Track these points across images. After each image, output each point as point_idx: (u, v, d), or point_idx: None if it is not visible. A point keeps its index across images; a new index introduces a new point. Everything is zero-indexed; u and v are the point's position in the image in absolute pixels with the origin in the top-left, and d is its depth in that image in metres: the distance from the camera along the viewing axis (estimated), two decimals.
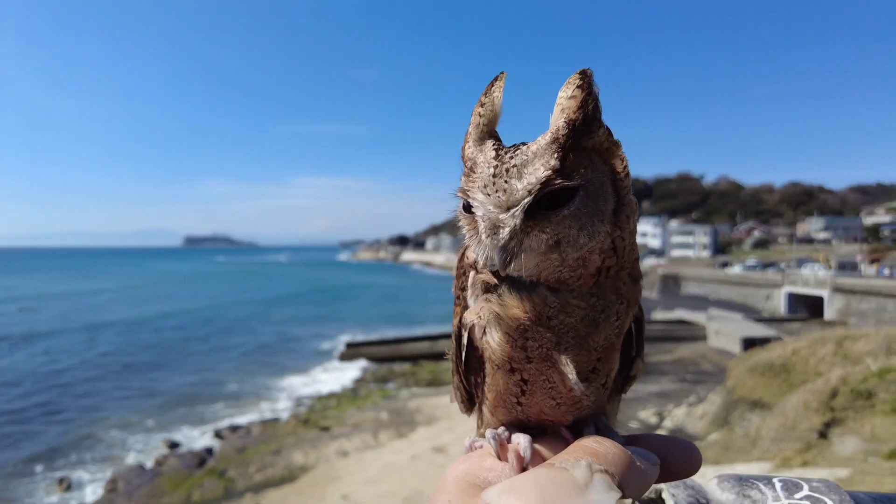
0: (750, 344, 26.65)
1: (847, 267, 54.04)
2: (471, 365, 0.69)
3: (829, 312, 39.50)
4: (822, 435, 14.17)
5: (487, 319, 0.62)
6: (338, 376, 30.22)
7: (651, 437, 0.62)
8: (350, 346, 35.35)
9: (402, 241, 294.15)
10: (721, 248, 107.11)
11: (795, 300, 43.79)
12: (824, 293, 40.45)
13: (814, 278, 43.42)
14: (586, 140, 0.57)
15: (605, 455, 0.53)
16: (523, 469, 0.57)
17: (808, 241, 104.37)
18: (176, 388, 27.76)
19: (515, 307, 0.60)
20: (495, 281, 0.62)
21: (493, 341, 0.62)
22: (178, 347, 38.68)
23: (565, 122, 0.56)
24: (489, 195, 0.57)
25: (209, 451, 19.31)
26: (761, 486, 0.66)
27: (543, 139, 0.56)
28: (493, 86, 0.63)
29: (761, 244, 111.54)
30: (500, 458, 0.59)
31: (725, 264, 74.62)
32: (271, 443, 19.40)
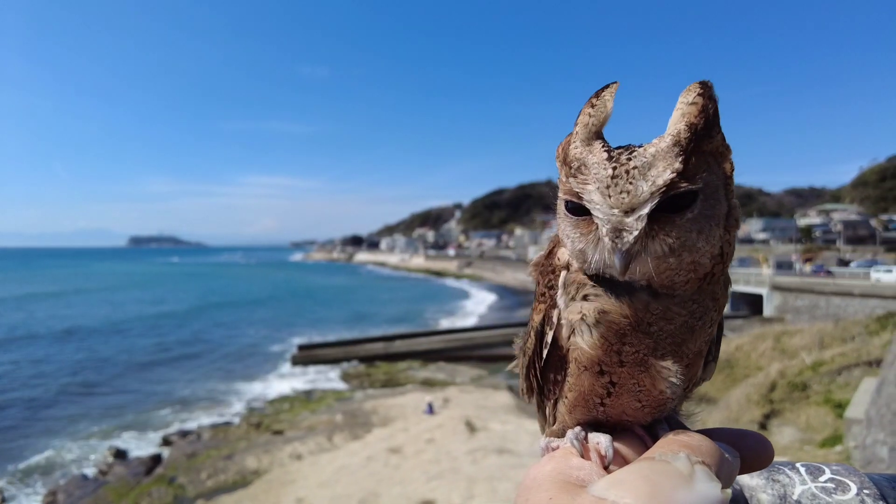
0: None
1: (784, 266, 56.73)
2: (550, 362, 0.67)
3: (768, 309, 41.36)
4: (763, 426, 14.88)
5: (585, 322, 0.61)
6: (290, 379, 29.76)
7: (725, 431, 0.63)
8: (302, 348, 34.76)
9: (355, 242, 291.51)
10: None
11: (738, 298, 45.67)
12: (764, 291, 42.36)
13: (754, 277, 45.46)
14: (706, 144, 0.56)
15: (699, 447, 0.54)
16: (605, 468, 0.58)
17: (749, 241, 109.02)
18: (122, 394, 26.74)
19: (615, 312, 0.59)
20: (591, 283, 0.61)
21: (585, 344, 0.61)
22: (125, 352, 37.15)
23: (687, 125, 0.55)
24: (609, 197, 0.55)
25: (157, 457, 18.66)
26: (787, 470, 0.70)
27: (663, 142, 0.55)
28: (604, 91, 0.61)
29: None
30: (583, 457, 0.59)
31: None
32: (223, 448, 18.92)
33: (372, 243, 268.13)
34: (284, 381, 29.23)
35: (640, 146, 0.57)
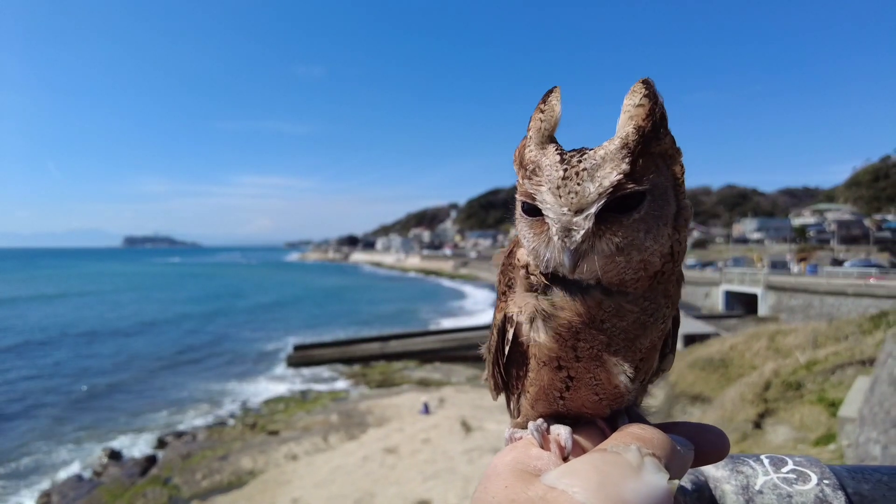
0: (690, 340, 27.72)
1: (778, 266, 56.99)
2: (513, 358, 0.70)
3: (762, 309, 41.53)
4: (757, 425, 14.93)
5: (539, 320, 0.63)
6: (286, 379, 29.76)
7: (683, 425, 0.66)
8: (298, 348, 34.72)
9: (351, 242, 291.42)
10: None
11: (732, 297, 45.83)
12: (758, 290, 42.53)
13: (749, 276, 45.66)
14: (654, 146, 0.58)
15: (650, 440, 0.57)
16: (565, 458, 0.60)
17: (744, 241, 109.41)
18: (117, 395, 26.66)
19: (569, 309, 0.61)
20: (546, 282, 0.63)
21: (542, 340, 0.63)
22: (121, 354, 37.08)
23: (635, 128, 0.57)
24: (560, 197, 0.58)
25: (152, 458, 18.62)
26: (751, 462, 0.73)
27: (612, 144, 0.57)
28: (549, 95, 0.64)
29: (700, 244, 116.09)
30: (543, 448, 0.62)
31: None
32: (218, 448, 18.88)
33: (368, 243, 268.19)
34: (280, 382, 29.23)
35: (592, 149, 0.59)
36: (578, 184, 0.57)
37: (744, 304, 44.34)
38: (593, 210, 0.56)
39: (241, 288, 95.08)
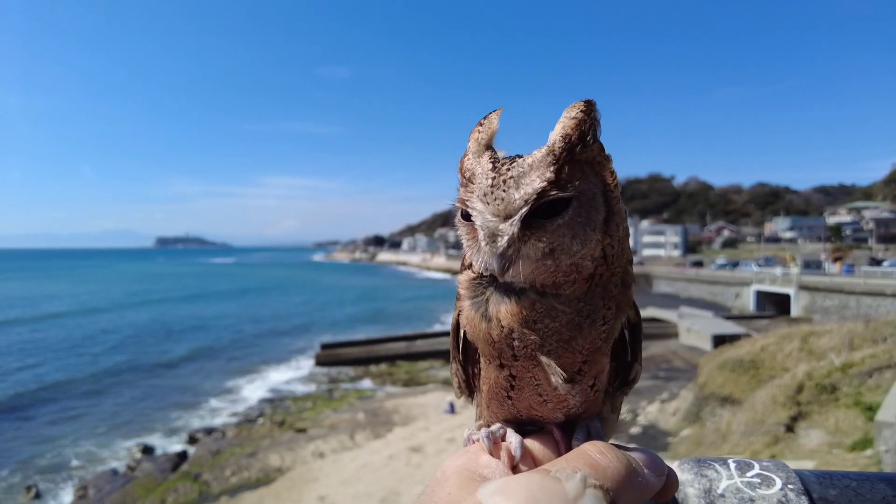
0: (720, 341, 27.20)
1: (811, 265, 55.52)
2: (469, 356, 0.73)
3: (795, 309, 40.55)
4: (789, 428, 14.56)
5: (476, 318, 0.66)
6: (313, 377, 30.07)
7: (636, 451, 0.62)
8: (325, 346, 35.01)
9: (378, 242, 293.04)
10: (691, 247, 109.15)
11: (763, 298, 44.85)
12: (791, 291, 41.53)
13: (781, 276, 44.63)
14: (580, 153, 0.60)
15: (604, 469, 0.53)
16: (514, 467, 0.60)
17: (776, 240, 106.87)
18: (150, 393, 27.25)
19: (502, 309, 0.63)
20: (486, 283, 0.66)
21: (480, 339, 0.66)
22: (153, 352, 37.93)
23: (561, 136, 0.59)
24: (488, 204, 0.60)
25: (183, 454, 18.99)
26: (717, 466, 0.73)
27: (539, 152, 0.60)
28: (491, 113, 0.68)
29: (730, 243, 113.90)
30: (492, 455, 0.62)
31: (699, 263, 75.73)
32: (246, 445, 19.17)
33: (394, 243, 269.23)
34: (307, 380, 29.55)
35: (524, 156, 0.62)
36: (505, 191, 0.59)
37: (775, 305, 43.36)
38: (517, 216, 0.59)
39: (273, 286, 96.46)
